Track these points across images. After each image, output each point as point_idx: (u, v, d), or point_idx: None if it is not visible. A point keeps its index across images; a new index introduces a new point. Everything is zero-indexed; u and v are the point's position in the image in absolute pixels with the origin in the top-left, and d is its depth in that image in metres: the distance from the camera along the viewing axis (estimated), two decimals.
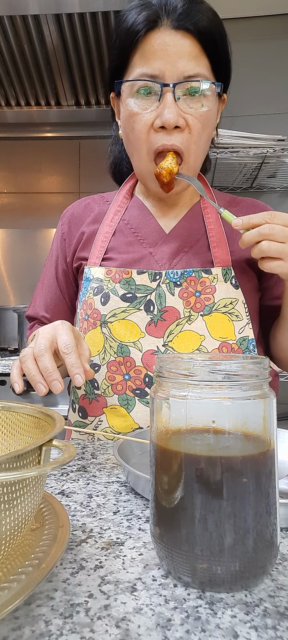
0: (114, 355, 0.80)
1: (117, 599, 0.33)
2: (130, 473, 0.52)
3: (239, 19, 2.28)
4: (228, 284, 0.82)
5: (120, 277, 0.82)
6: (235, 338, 0.80)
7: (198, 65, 0.74)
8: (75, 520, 0.46)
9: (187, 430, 0.35)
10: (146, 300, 0.80)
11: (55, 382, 0.62)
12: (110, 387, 0.81)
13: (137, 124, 0.76)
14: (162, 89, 0.73)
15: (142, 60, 0.74)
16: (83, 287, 0.86)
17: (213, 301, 0.80)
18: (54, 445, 0.34)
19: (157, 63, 0.73)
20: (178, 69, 0.72)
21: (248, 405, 0.35)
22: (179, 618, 0.31)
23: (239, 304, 0.81)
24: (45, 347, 0.64)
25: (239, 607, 0.33)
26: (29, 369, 0.64)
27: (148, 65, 0.73)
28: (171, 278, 0.81)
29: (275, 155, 1.99)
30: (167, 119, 0.72)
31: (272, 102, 2.31)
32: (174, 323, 0.79)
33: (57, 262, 0.95)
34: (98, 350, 0.81)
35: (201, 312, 0.80)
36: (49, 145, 2.67)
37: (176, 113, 0.73)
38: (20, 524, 0.32)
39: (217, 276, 0.81)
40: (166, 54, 0.72)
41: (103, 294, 0.82)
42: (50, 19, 1.95)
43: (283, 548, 0.41)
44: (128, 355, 0.79)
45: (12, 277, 2.64)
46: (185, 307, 0.80)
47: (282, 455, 0.59)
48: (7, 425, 0.45)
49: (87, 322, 0.83)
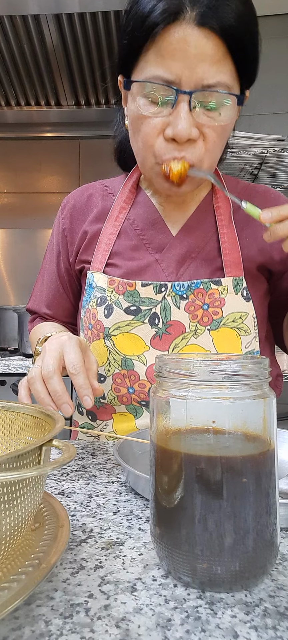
0: (118, 368, 0.78)
1: (117, 599, 0.33)
2: (130, 473, 0.52)
3: None
4: (239, 296, 0.77)
5: (124, 289, 0.78)
6: (241, 353, 0.76)
7: (220, 72, 0.64)
8: (75, 520, 0.46)
9: (187, 430, 0.35)
10: (151, 313, 0.77)
11: (65, 405, 0.60)
12: (116, 397, 0.79)
13: (145, 127, 0.69)
14: (176, 96, 0.65)
15: (157, 58, 0.64)
16: (86, 293, 0.83)
17: (221, 315, 0.76)
18: (54, 445, 0.34)
19: (175, 66, 0.63)
20: (197, 74, 0.63)
21: (248, 405, 0.35)
22: (179, 618, 0.31)
23: (249, 318, 0.77)
24: (53, 369, 0.61)
25: (239, 607, 0.33)
26: (38, 392, 0.62)
27: (164, 66, 0.64)
28: (177, 291, 0.77)
29: (275, 155, 1.99)
30: (180, 131, 0.65)
31: (272, 102, 2.31)
32: (180, 337, 0.76)
33: (58, 258, 0.91)
34: (103, 362, 0.79)
35: (208, 327, 0.76)
36: (49, 145, 2.68)
37: (190, 125, 0.65)
38: (20, 524, 0.32)
39: (227, 288, 0.76)
40: (186, 55, 0.62)
41: (106, 306, 0.78)
42: (50, 19, 1.95)
43: (283, 548, 0.41)
44: (132, 369, 0.77)
45: (12, 277, 2.64)
46: (192, 320, 0.76)
47: (282, 455, 0.59)
48: (7, 425, 0.45)
49: (91, 332, 0.80)
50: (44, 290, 0.94)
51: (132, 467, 0.51)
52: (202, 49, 0.62)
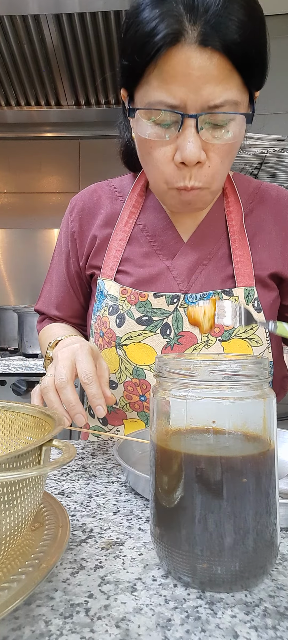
0: (129, 377, 0.78)
1: (117, 599, 0.33)
2: (130, 473, 0.52)
3: None
4: (251, 307, 0.76)
5: (136, 300, 0.77)
6: None
7: (227, 90, 0.61)
8: (75, 520, 0.46)
9: (187, 430, 0.35)
10: (163, 324, 0.77)
11: (79, 416, 0.60)
12: (128, 404, 0.79)
13: (154, 152, 0.67)
14: (183, 120, 0.63)
15: (160, 83, 0.62)
16: (97, 300, 0.82)
17: (232, 326, 0.75)
18: (54, 445, 0.34)
19: (179, 91, 0.61)
20: (203, 96, 0.61)
21: (248, 405, 0.35)
22: (179, 618, 0.31)
23: (260, 329, 0.76)
24: (66, 379, 0.61)
25: (239, 607, 0.33)
26: (52, 402, 0.61)
27: (168, 91, 0.62)
28: (189, 302, 0.77)
29: (275, 155, 1.99)
30: (188, 155, 0.64)
31: (272, 102, 2.31)
32: (191, 348, 0.76)
33: (68, 260, 0.89)
34: (114, 369, 0.79)
35: (219, 337, 0.75)
36: (49, 145, 2.68)
37: (198, 148, 0.64)
38: (20, 524, 0.32)
39: (238, 299, 0.76)
40: (189, 79, 0.60)
41: (118, 315, 0.78)
42: (50, 19, 1.95)
43: (283, 548, 0.41)
44: (143, 378, 0.77)
45: (12, 277, 2.64)
46: None
47: (282, 455, 0.59)
48: (7, 425, 0.45)
49: (102, 340, 0.80)
50: (53, 291, 0.93)
51: (132, 467, 0.51)
52: (205, 70, 0.60)
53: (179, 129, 0.63)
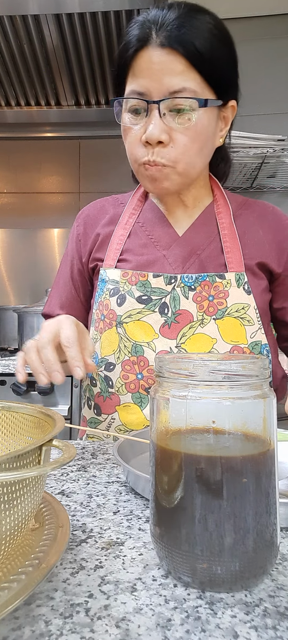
0: (128, 355, 0.82)
1: (117, 599, 0.33)
2: (130, 473, 0.52)
3: (239, 19, 2.28)
4: (241, 290, 0.83)
5: (137, 280, 0.84)
6: (246, 342, 0.81)
7: (185, 80, 0.73)
8: (75, 520, 0.46)
9: (187, 430, 0.35)
10: (161, 302, 0.82)
11: (56, 373, 0.64)
12: (124, 385, 0.83)
13: (129, 137, 0.80)
14: (148, 106, 0.75)
15: (132, 77, 0.77)
16: (99, 288, 0.88)
17: (225, 305, 0.82)
18: (54, 445, 0.34)
19: (144, 81, 0.75)
20: (164, 85, 0.73)
21: (248, 405, 0.35)
22: (179, 618, 0.31)
23: (251, 310, 0.82)
24: (47, 340, 0.66)
25: (239, 607, 0.33)
26: (32, 360, 0.66)
27: (136, 82, 0.76)
28: (186, 282, 0.83)
29: (275, 155, 1.99)
30: (150, 134, 0.75)
31: (272, 102, 2.31)
32: (187, 326, 0.81)
33: (72, 262, 0.96)
34: (113, 349, 0.83)
35: (214, 316, 0.81)
36: (49, 145, 2.67)
37: (159, 129, 0.74)
38: (20, 524, 0.32)
39: (230, 281, 0.83)
40: (152, 72, 0.74)
41: (119, 295, 0.84)
42: (50, 19, 1.95)
43: (283, 548, 0.41)
44: (142, 354, 0.82)
45: (12, 277, 2.64)
46: (199, 310, 0.82)
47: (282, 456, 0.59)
48: (7, 425, 0.45)
49: (103, 322, 0.85)
50: (57, 294, 0.99)
51: (132, 467, 0.51)
52: (165, 64, 0.73)
53: (146, 114, 0.76)
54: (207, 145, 0.81)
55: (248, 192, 2.31)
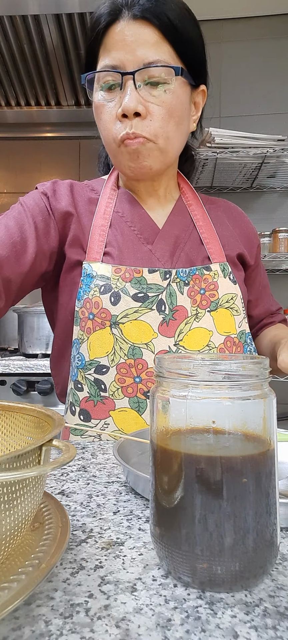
0: (124, 357, 0.77)
1: (117, 599, 0.33)
2: (130, 473, 0.52)
3: (239, 19, 2.28)
4: (228, 280, 0.84)
5: (131, 276, 0.79)
6: (236, 332, 0.82)
7: (159, 52, 0.73)
8: (75, 520, 0.46)
9: (187, 430, 0.35)
10: (158, 299, 0.79)
11: None
12: (120, 389, 0.78)
13: (103, 115, 0.78)
14: (122, 78, 0.74)
15: (104, 52, 0.76)
16: (83, 284, 0.80)
17: (217, 297, 0.82)
18: (54, 445, 0.34)
19: (117, 54, 0.73)
20: (138, 57, 0.72)
21: (248, 405, 0.35)
22: (179, 618, 0.31)
23: (238, 299, 0.84)
24: None
25: (239, 607, 0.33)
26: None
27: (109, 56, 0.74)
28: (181, 277, 0.81)
29: (275, 155, 1.99)
30: (126, 105, 0.73)
31: (272, 102, 2.31)
32: (183, 322, 0.80)
33: (29, 213, 0.81)
34: (107, 351, 0.78)
35: (208, 309, 0.81)
36: (49, 145, 2.67)
37: (135, 100, 0.73)
38: (20, 524, 0.32)
39: (217, 272, 0.83)
40: (125, 44, 0.73)
41: (112, 293, 0.78)
42: (50, 19, 1.95)
43: (283, 548, 0.41)
44: (140, 357, 0.77)
45: None
46: (192, 305, 0.81)
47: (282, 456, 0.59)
48: (7, 425, 0.45)
49: (92, 322, 0.78)
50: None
51: (132, 467, 0.51)
52: (138, 36, 0.73)
53: (121, 87, 0.74)
54: (183, 122, 0.80)
55: (248, 192, 2.31)
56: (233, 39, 2.31)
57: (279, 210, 2.32)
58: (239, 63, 2.31)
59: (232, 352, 0.82)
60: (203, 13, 2.27)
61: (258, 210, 2.31)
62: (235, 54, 2.31)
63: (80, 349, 0.80)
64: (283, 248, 2.11)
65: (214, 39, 2.30)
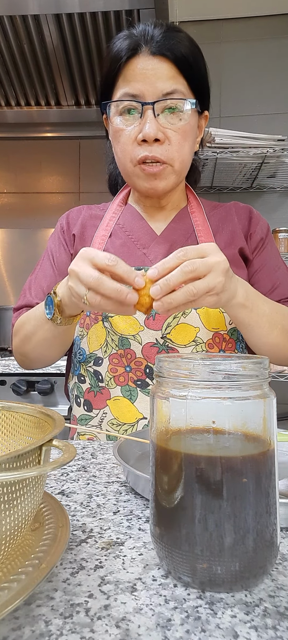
0: (115, 348, 0.85)
1: (117, 599, 0.33)
2: (130, 473, 0.52)
3: (239, 19, 2.28)
4: None
5: None
6: (226, 329, 0.86)
7: (176, 84, 0.81)
8: (75, 520, 0.46)
9: (187, 430, 0.35)
10: None
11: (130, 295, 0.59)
12: (112, 379, 0.85)
13: (122, 138, 0.84)
14: (142, 107, 0.81)
15: (124, 82, 0.83)
16: None
17: None
18: (54, 445, 0.34)
19: (138, 85, 0.81)
20: (157, 88, 0.80)
21: (248, 405, 0.35)
22: (179, 618, 0.31)
23: None
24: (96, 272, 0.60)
25: (239, 607, 0.33)
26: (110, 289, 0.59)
27: (130, 86, 0.82)
28: None
29: (275, 155, 1.99)
30: (147, 132, 0.80)
31: (272, 102, 2.31)
32: (171, 316, 0.84)
33: (52, 254, 0.97)
34: (100, 343, 0.87)
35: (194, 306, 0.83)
36: (49, 145, 2.67)
37: (156, 127, 0.80)
38: (20, 524, 0.32)
39: None
40: (145, 76, 0.81)
41: None
42: (50, 19, 1.95)
43: (283, 548, 0.41)
44: (128, 347, 0.84)
45: (12, 277, 2.64)
46: None
47: (282, 456, 0.59)
48: (7, 425, 0.45)
49: (89, 318, 0.88)
50: (37, 285, 0.96)
51: (132, 467, 0.51)
52: (157, 70, 0.81)
53: (141, 115, 0.82)
54: (193, 146, 0.89)
55: (248, 192, 2.31)
56: (233, 39, 2.31)
57: (279, 210, 2.32)
58: (239, 63, 2.31)
59: (222, 348, 0.87)
60: (203, 13, 2.27)
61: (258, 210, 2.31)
62: (235, 54, 2.31)
63: (81, 344, 0.89)
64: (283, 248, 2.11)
65: (214, 39, 2.30)
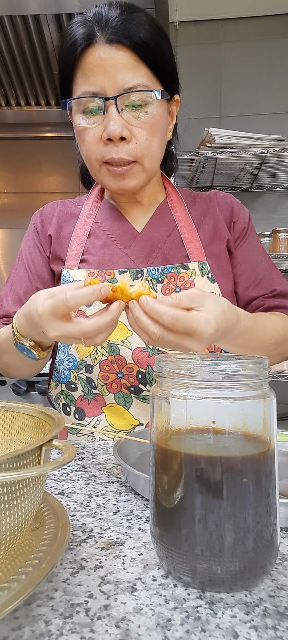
0: (105, 355, 0.82)
1: (117, 599, 0.33)
2: (130, 473, 0.52)
3: (239, 19, 2.28)
4: (205, 279, 0.84)
5: (103, 279, 0.82)
6: None
7: (137, 76, 0.75)
8: (75, 520, 0.46)
9: (187, 430, 0.35)
10: None
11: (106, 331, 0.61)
12: (104, 386, 0.82)
13: (86, 137, 0.79)
14: (104, 103, 0.75)
15: (83, 77, 0.77)
16: None
17: None
18: (54, 445, 0.34)
19: (97, 79, 0.75)
20: (118, 82, 0.74)
21: (248, 405, 0.35)
22: (179, 618, 0.31)
23: None
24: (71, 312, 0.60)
25: (239, 607, 0.33)
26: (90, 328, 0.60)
27: (89, 82, 0.76)
28: (153, 275, 0.83)
29: (275, 155, 1.99)
30: (112, 130, 0.74)
31: (272, 102, 2.31)
32: None
33: (27, 258, 0.92)
34: (89, 350, 0.82)
35: None
36: (49, 145, 2.67)
37: (121, 125, 0.75)
38: (20, 524, 0.32)
39: (194, 271, 0.84)
40: (103, 69, 0.74)
41: None
42: (50, 19, 1.95)
43: (283, 548, 0.41)
44: (118, 353, 0.81)
45: None
46: None
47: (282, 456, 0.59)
48: (7, 425, 0.45)
49: None
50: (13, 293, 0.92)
51: (132, 467, 0.51)
52: (116, 60, 0.74)
53: (104, 112, 0.76)
54: (163, 138, 0.83)
55: (248, 192, 2.30)
56: (233, 39, 2.31)
57: (279, 210, 2.32)
58: (239, 63, 2.31)
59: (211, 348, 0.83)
60: (203, 13, 2.27)
61: (258, 210, 2.30)
62: (235, 54, 2.30)
63: (70, 351, 0.84)
64: (283, 248, 2.10)
65: (214, 39, 2.30)
